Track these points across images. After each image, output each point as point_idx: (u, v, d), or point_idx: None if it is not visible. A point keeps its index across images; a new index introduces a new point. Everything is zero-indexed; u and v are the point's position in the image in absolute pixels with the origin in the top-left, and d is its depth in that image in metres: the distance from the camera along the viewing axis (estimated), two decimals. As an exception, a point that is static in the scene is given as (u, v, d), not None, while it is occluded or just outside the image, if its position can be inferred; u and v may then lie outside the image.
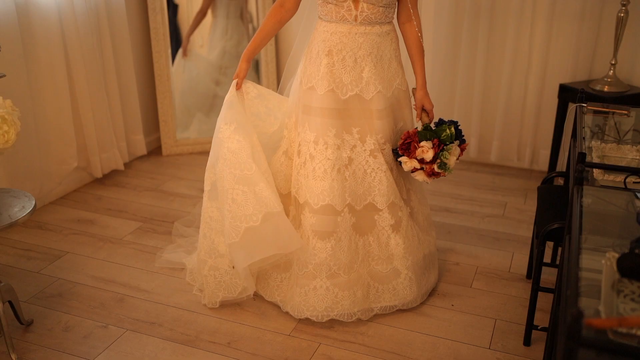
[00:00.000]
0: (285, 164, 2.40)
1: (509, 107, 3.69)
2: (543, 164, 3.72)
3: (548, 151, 3.60)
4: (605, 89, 3.20)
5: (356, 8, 2.15)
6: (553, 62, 3.53)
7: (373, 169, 2.24)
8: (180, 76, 4.11)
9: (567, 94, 3.30)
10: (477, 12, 3.55)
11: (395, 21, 2.31)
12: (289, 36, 4.14)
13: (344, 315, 2.28)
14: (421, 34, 2.29)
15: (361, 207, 2.28)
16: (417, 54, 2.30)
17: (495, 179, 3.68)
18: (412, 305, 2.38)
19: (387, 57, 2.23)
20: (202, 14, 4.09)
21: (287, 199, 2.40)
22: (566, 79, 3.47)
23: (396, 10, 2.28)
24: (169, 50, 3.90)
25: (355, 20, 2.16)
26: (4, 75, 2.31)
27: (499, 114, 3.70)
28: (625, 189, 1.79)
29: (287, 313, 2.35)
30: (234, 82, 2.33)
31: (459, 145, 2.23)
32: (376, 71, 2.20)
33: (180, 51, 4.06)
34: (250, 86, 2.41)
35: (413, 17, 2.25)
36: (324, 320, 2.28)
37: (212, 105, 4.22)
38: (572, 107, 2.49)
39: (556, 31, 3.47)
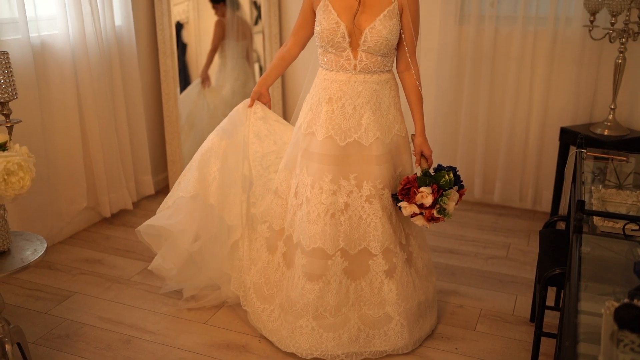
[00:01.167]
0: (275, 202, 2.49)
1: (511, 149, 3.75)
2: (546, 205, 3.76)
3: (551, 193, 3.65)
4: (606, 132, 3.26)
5: (355, 57, 2.23)
6: (554, 106, 3.61)
7: (369, 214, 2.29)
8: (195, 105, 4.23)
9: (568, 136, 3.36)
10: (479, 56, 3.65)
11: (395, 69, 2.39)
12: (294, 79, 4.24)
13: (328, 355, 2.33)
14: (419, 82, 2.36)
15: (356, 251, 2.32)
16: (416, 101, 2.36)
17: (498, 220, 3.71)
18: (404, 351, 2.40)
19: (385, 105, 2.30)
20: (213, 52, 4.23)
21: (279, 235, 2.48)
22: (567, 122, 3.54)
23: (395, 58, 2.36)
24: (178, 92, 4.00)
25: (355, 69, 2.24)
26: (20, 121, 2.39)
27: (502, 156, 3.76)
28: (625, 237, 1.83)
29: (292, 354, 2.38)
30: (247, 99, 2.58)
31: (458, 191, 2.27)
32: (375, 118, 2.27)
33: (197, 82, 4.18)
34: (258, 107, 2.58)
35: (411, 66, 2.32)
36: (308, 358, 2.34)
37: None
38: (572, 152, 2.54)
39: (556, 76, 3.56)
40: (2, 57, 2.22)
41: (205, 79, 4.23)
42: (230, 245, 2.58)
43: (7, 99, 2.28)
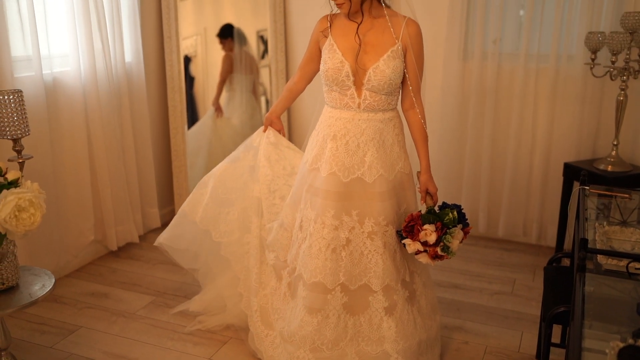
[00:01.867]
0: (282, 234, 2.52)
1: (515, 184, 3.77)
2: (551, 240, 3.76)
3: (555, 228, 3.66)
4: (609, 168, 3.28)
5: (359, 96, 2.28)
6: (557, 142, 3.64)
7: (370, 250, 2.30)
8: (213, 134, 4.30)
9: (572, 172, 3.39)
10: (482, 92, 3.70)
11: (399, 107, 2.43)
12: (301, 112, 4.30)
13: None
14: (424, 120, 2.40)
15: (356, 287, 2.33)
16: (421, 139, 2.40)
17: (503, 255, 3.71)
18: None
19: (389, 142, 2.34)
20: (222, 83, 4.30)
21: (284, 265, 2.52)
22: (570, 158, 3.57)
23: (400, 97, 2.40)
24: (186, 127, 4.06)
25: (359, 107, 2.29)
26: (31, 157, 2.44)
27: (506, 191, 3.78)
28: (628, 275, 1.83)
29: None
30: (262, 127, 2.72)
31: (463, 229, 2.29)
32: (378, 155, 2.30)
33: (211, 111, 4.25)
34: (271, 132, 2.68)
35: (416, 105, 2.37)
36: None
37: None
38: (576, 188, 2.56)
39: (559, 112, 3.60)
40: (16, 96, 2.29)
41: (218, 109, 4.31)
42: (235, 268, 2.68)
43: (20, 136, 2.34)
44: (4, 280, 2.16)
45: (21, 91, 2.32)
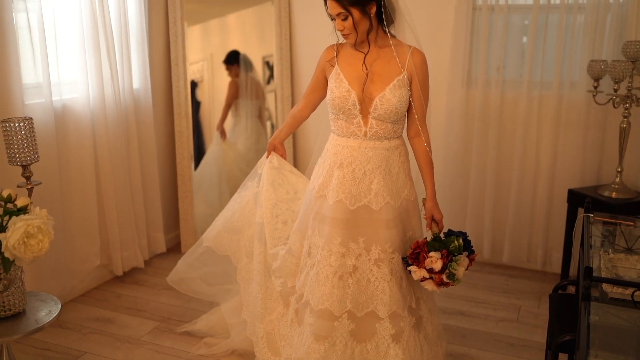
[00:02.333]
0: (289, 260, 2.53)
1: (520, 210, 3.78)
2: (556, 266, 3.75)
3: (560, 254, 3.65)
4: (613, 195, 3.29)
5: (366, 124, 2.31)
6: (561, 168, 3.65)
7: (377, 278, 2.31)
8: (222, 160, 4.34)
9: (576, 198, 3.40)
10: (486, 119, 3.73)
11: (405, 134, 2.46)
12: (306, 138, 4.34)
13: None
14: (430, 148, 2.42)
15: (363, 314, 2.33)
16: (426, 166, 2.42)
17: (508, 281, 3.70)
18: None
19: (395, 170, 2.36)
20: (228, 107, 4.35)
21: (292, 291, 2.53)
22: (575, 184, 3.58)
23: (405, 125, 2.43)
24: (192, 152, 4.10)
25: (365, 135, 2.31)
26: (40, 183, 2.47)
27: (510, 217, 3.79)
28: (634, 304, 1.83)
29: None
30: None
31: (468, 256, 2.29)
32: (384, 183, 2.32)
33: (217, 137, 4.30)
34: (274, 157, 2.71)
35: (421, 132, 2.39)
36: None
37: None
38: (580, 215, 2.57)
39: (562, 138, 3.62)
40: (26, 123, 2.33)
41: (222, 132, 4.35)
42: (243, 294, 2.70)
43: (29, 162, 2.37)
44: (11, 306, 2.17)
45: (31, 118, 2.36)
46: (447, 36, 3.75)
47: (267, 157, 2.72)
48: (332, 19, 2.28)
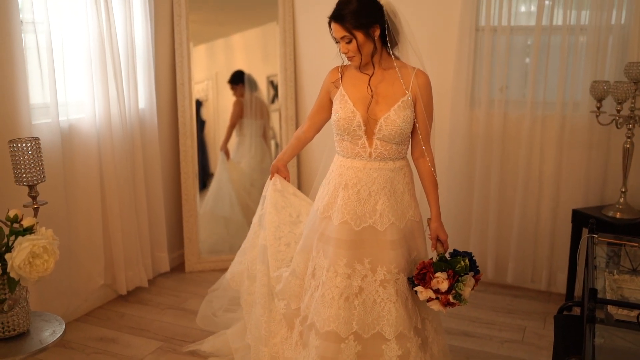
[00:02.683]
0: (293, 282, 2.52)
1: (524, 230, 3.77)
2: (561, 287, 3.74)
3: (565, 274, 3.64)
4: (618, 215, 3.29)
5: (370, 145, 2.32)
6: (565, 188, 3.66)
7: (382, 299, 2.30)
8: (218, 180, 4.37)
9: (581, 218, 3.39)
10: (489, 139, 3.75)
11: (409, 155, 2.47)
12: (310, 160, 4.36)
13: None
14: (434, 169, 2.43)
15: (369, 335, 2.32)
16: (431, 187, 2.43)
17: (513, 302, 3.69)
18: None
19: (400, 191, 2.37)
20: (232, 127, 4.38)
21: (296, 313, 2.51)
22: (579, 204, 3.58)
23: (410, 145, 2.44)
24: (197, 172, 4.12)
25: (370, 156, 2.33)
26: (46, 203, 2.49)
27: (514, 237, 3.78)
28: (639, 326, 1.82)
29: None
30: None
31: (474, 276, 2.29)
32: (389, 204, 2.33)
33: (222, 156, 4.34)
34: (277, 180, 2.72)
35: (426, 153, 2.41)
36: None
37: (244, 214, 4.38)
38: (585, 236, 2.57)
39: (566, 158, 3.63)
40: (33, 143, 2.35)
41: (226, 152, 4.37)
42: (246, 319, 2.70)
43: (36, 182, 2.39)
44: (15, 327, 2.17)
45: (38, 139, 2.38)
46: (450, 57, 3.78)
47: (271, 179, 2.73)
48: (336, 42, 2.31)
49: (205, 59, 4.26)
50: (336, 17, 2.24)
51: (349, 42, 2.24)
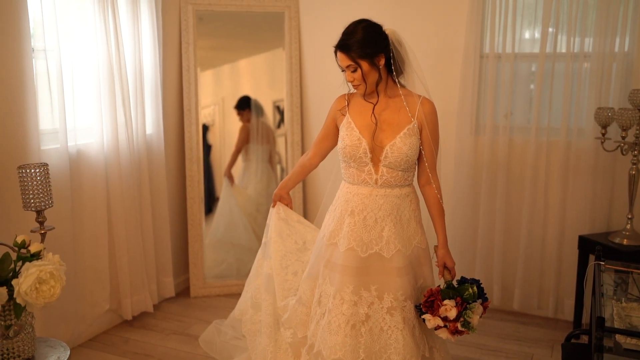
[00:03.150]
0: (300, 310, 2.49)
1: (530, 256, 3.76)
2: (568, 313, 3.71)
3: (572, 301, 3.61)
4: (625, 242, 3.27)
5: (376, 172, 2.33)
6: (571, 214, 3.65)
7: (390, 326, 2.29)
8: (227, 205, 4.37)
9: (587, 245, 3.38)
10: (494, 165, 3.75)
11: (416, 182, 2.48)
12: (316, 185, 4.37)
13: None
14: (440, 196, 2.44)
15: None
16: (437, 214, 2.44)
17: (520, 328, 3.65)
18: None
19: (406, 218, 2.37)
20: (237, 152, 4.40)
21: (302, 342, 2.48)
22: (585, 230, 3.57)
23: (416, 172, 2.45)
24: (203, 197, 4.14)
25: (376, 183, 2.34)
26: (53, 228, 2.50)
27: (520, 263, 3.77)
28: (647, 356, 1.81)
29: None
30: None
31: (482, 304, 2.28)
32: (396, 230, 2.33)
33: (226, 182, 4.35)
34: (281, 208, 2.69)
35: (432, 180, 2.41)
36: None
37: (249, 239, 4.38)
38: (592, 263, 2.55)
39: (572, 184, 3.63)
40: (42, 169, 2.37)
41: (230, 177, 4.39)
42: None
43: (44, 208, 2.41)
44: (20, 353, 2.16)
45: (47, 165, 2.40)
46: (455, 84, 3.81)
47: (273, 207, 2.72)
48: (342, 70, 2.34)
49: (211, 84, 4.31)
50: (342, 46, 2.27)
51: (354, 71, 2.27)
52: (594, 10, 3.44)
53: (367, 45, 2.24)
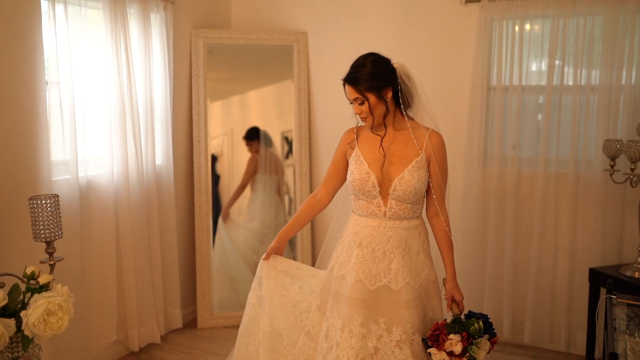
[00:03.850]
0: (308, 344, 2.46)
1: (540, 288, 3.72)
2: (580, 347, 3.65)
3: (584, 335, 3.56)
4: (636, 275, 3.23)
5: (385, 205, 2.33)
6: (581, 246, 3.62)
7: None
8: (220, 241, 4.35)
9: (598, 277, 3.34)
10: (502, 197, 3.74)
11: (424, 214, 2.47)
12: (325, 217, 4.37)
13: None
14: (449, 228, 2.43)
15: None
16: (446, 247, 2.43)
17: (531, 363, 3.60)
18: None
19: (414, 250, 2.36)
20: (242, 188, 4.40)
21: None
22: (596, 263, 3.53)
23: (425, 205, 2.45)
24: (211, 227, 4.14)
25: (385, 215, 2.33)
26: (62, 259, 2.51)
27: (530, 295, 3.73)
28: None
29: None
30: (264, 255, 2.57)
31: (490, 339, 2.25)
32: (404, 263, 2.32)
33: (220, 218, 4.33)
34: (278, 260, 2.57)
35: (440, 213, 2.41)
36: None
37: (252, 272, 4.36)
38: (603, 296, 2.52)
39: (581, 216, 3.61)
40: (52, 200, 2.39)
41: (225, 216, 4.36)
42: None
43: (53, 239, 2.42)
44: (27, 385, 2.16)
45: (57, 196, 2.43)
46: (463, 116, 3.83)
47: (265, 259, 2.56)
48: (350, 102, 2.36)
49: (220, 115, 4.36)
50: (350, 79, 2.30)
51: (362, 103, 2.29)
52: (599, 43, 3.47)
53: (374, 78, 2.26)
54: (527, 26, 3.64)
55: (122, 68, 3.36)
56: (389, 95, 2.29)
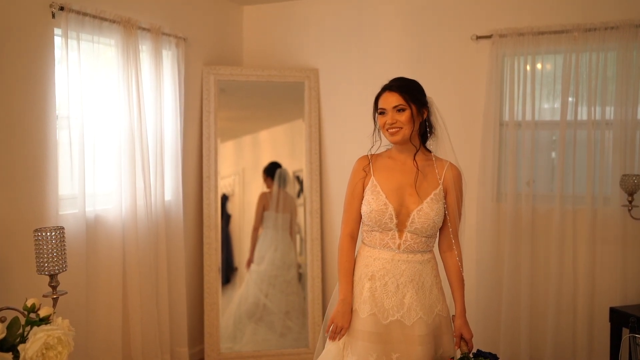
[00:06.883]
0: None
1: (559, 329, 3.59)
2: (603, 392, 3.49)
3: (607, 378, 3.40)
4: (659, 314, 3.11)
5: (400, 237, 2.27)
6: (601, 285, 3.50)
7: None
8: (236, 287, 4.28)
9: (619, 317, 3.22)
10: (517, 234, 3.66)
11: (435, 247, 2.40)
12: (335, 255, 4.30)
13: None
14: (461, 263, 2.36)
15: None
16: (457, 282, 2.35)
17: (551, 408, 3.43)
18: None
19: (428, 284, 2.29)
20: (256, 231, 4.35)
21: None
22: (617, 302, 3.41)
23: (438, 238, 2.38)
24: (220, 264, 4.08)
25: (399, 248, 2.27)
26: (66, 293, 2.46)
27: (549, 337, 3.59)
28: None
29: None
30: (329, 330, 2.30)
31: (499, 380, 2.15)
32: (418, 297, 2.24)
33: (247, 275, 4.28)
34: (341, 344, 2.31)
35: (454, 247, 2.34)
36: None
37: (261, 316, 4.27)
38: (626, 336, 2.42)
39: (600, 254, 3.51)
40: (57, 232, 2.36)
41: (249, 262, 4.32)
42: None
43: (57, 272, 2.38)
44: (23, 423, 2.07)
45: (63, 228, 2.40)
46: (476, 151, 3.78)
47: (335, 339, 2.28)
48: (379, 114, 2.30)
49: (232, 155, 4.35)
50: (397, 86, 2.27)
51: (401, 110, 2.24)
52: (613, 81, 3.44)
53: (420, 93, 2.30)
54: (539, 65, 3.62)
55: (133, 103, 3.37)
56: (425, 115, 2.30)
